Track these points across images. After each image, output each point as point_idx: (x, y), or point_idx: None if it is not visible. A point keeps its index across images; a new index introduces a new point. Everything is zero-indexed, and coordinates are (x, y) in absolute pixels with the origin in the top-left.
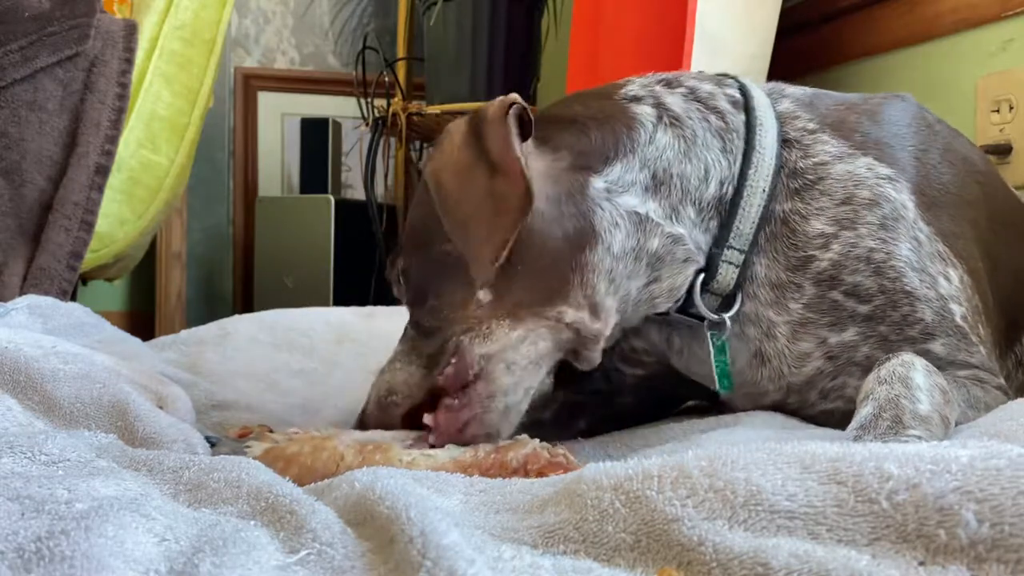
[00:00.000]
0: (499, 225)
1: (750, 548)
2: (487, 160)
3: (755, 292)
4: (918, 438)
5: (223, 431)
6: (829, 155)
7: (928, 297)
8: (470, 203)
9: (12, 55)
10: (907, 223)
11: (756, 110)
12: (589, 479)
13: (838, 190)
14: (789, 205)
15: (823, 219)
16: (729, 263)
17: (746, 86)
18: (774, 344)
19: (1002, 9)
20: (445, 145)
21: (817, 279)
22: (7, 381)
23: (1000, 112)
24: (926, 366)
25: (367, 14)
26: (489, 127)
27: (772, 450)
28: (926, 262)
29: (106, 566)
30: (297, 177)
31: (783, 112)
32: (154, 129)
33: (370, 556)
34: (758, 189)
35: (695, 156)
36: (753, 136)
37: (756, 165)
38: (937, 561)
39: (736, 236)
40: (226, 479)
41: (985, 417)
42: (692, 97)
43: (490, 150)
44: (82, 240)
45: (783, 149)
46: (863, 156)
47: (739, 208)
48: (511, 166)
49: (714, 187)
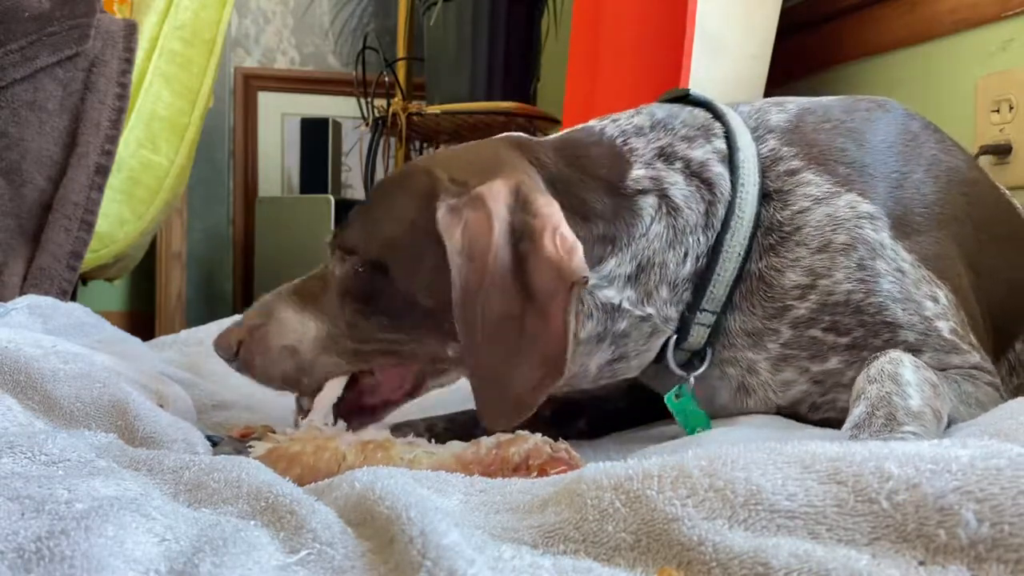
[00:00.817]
0: (527, 385)
1: (750, 548)
2: (529, 294)
3: (731, 342)
4: (913, 434)
5: (225, 431)
6: (810, 199)
7: (911, 323)
8: (498, 327)
9: (12, 55)
10: (887, 259)
11: (740, 167)
12: (589, 479)
13: (815, 238)
14: (764, 262)
15: (798, 270)
16: (701, 324)
17: (732, 132)
18: (756, 377)
19: (1002, 9)
20: (478, 225)
21: (794, 323)
22: (7, 381)
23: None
24: (914, 361)
25: (367, 14)
26: (546, 277)
27: (772, 450)
28: (911, 290)
29: (106, 566)
30: (297, 177)
31: (766, 156)
32: (154, 129)
33: (370, 556)
34: (733, 254)
35: (680, 243)
36: (734, 200)
37: (734, 231)
38: (937, 561)
39: (709, 300)
40: (226, 479)
41: (985, 416)
42: (689, 172)
43: (537, 292)
44: (82, 240)
45: (761, 205)
46: (846, 193)
47: (713, 274)
48: (557, 332)
49: (690, 265)
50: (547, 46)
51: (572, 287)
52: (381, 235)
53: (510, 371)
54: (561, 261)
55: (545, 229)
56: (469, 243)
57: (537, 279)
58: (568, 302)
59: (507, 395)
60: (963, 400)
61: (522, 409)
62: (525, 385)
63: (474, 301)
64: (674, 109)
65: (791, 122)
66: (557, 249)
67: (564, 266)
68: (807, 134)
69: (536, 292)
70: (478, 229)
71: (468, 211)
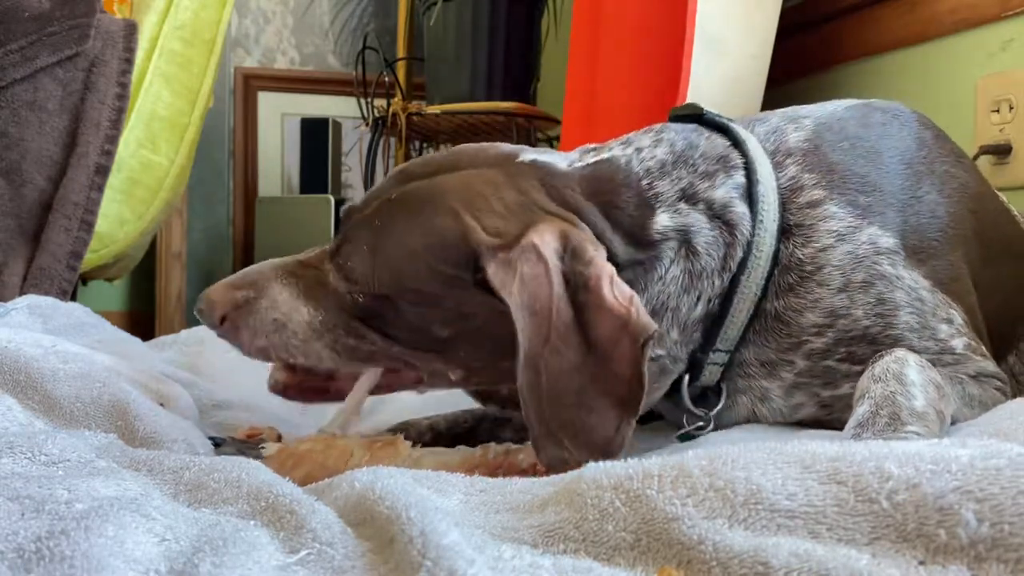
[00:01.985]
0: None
1: (750, 547)
2: (591, 343)
3: (746, 372)
4: (916, 434)
5: (228, 432)
6: (832, 235)
7: (925, 348)
8: (564, 380)
9: (12, 55)
10: (906, 290)
11: (760, 201)
12: (589, 478)
13: (836, 279)
14: (782, 303)
15: (818, 311)
16: (715, 364)
17: (752, 163)
18: (769, 404)
19: (1002, 9)
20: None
21: (809, 354)
22: (7, 381)
23: (1000, 112)
24: (919, 361)
25: (367, 14)
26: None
27: (772, 449)
28: (927, 319)
29: (106, 566)
30: (297, 177)
31: (786, 186)
32: (154, 129)
33: (370, 556)
34: (749, 295)
35: (695, 288)
36: (753, 239)
37: (750, 271)
38: (937, 560)
39: (723, 340)
40: (226, 479)
41: (985, 416)
42: (712, 214)
43: (600, 341)
44: (82, 240)
45: (780, 242)
46: (867, 227)
47: (728, 316)
48: (626, 377)
49: (702, 308)
50: (547, 46)
51: (645, 343)
52: (393, 274)
53: (588, 423)
54: (628, 315)
55: (602, 279)
56: (530, 299)
57: (600, 330)
58: (641, 355)
59: (585, 447)
60: (967, 402)
61: (610, 455)
62: (608, 431)
63: (538, 359)
64: (692, 137)
65: (810, 141)
66: (618, 301)
67: (632, 321)
68: (826, 155)
69: (599, 340)
70: (537, 284)
71: (524, 265)
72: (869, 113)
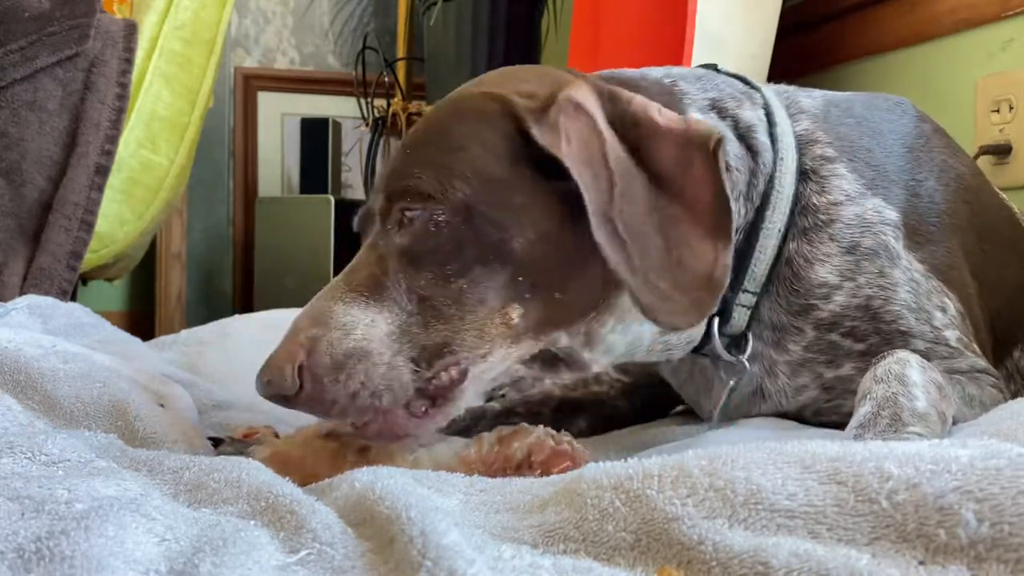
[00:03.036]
0: (708, 262)
1: (750, 547)
2: (661, 177)
3: (760, 332)
4: (918, 435)
5: (228, 432)
6: (844, 194)
7: (922, 332)
8: (645, 225)
9: (12, 55)
10: (903, 268)
11: (780, 139)
12: (589, 478)
13: (846, 236)
14: (795, 245)
15: (828, 267)
16: (743, 306)
17: (769, 104)
18: (775, 381)
19: (1002, 9)
20: (583, 130)
21: (817, 324)
22: (7, 381)
23: (1000, 112)
24: (921, 362)
25: (367, 14)
26: (673, 152)
27: (772, 449)
28: (923, 301)
29: (106, 566)
30: (297, 177)
31: (801, 135)
32: (154, 129)
33: (370, 556)
34: (774, 231)
35: None
36: (775, 173)
37: (774, 206)
38: (937, 560)
39: (751, 279)
40: (226, 479)
41: (985, 416)
42: (738, 133)
43: (669, 172)
44: (82, 240)
45: (799, 183)
46: (873, 197)
47: (755, 251)
48: (709, 198)
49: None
50: (547, 46)
51: (715, 149)
52: (465, 171)
53: (681, 260)
54: (688, 129)
55: (648, 109)
56: (581, 151)
57: (663, 158)
58: (715, 165)
59: (688, 286)
60: (967, 402)
61: (714, 289)
62: (706, 263)
63: (609, 212)
64: (709, 71)
65: (820, 109)
66: (671, 121)
67: (692, 132)
68: (835, 126)
69: (666, 172)
70: (586, 134)
71: (565, 120)
72: (874, 99)
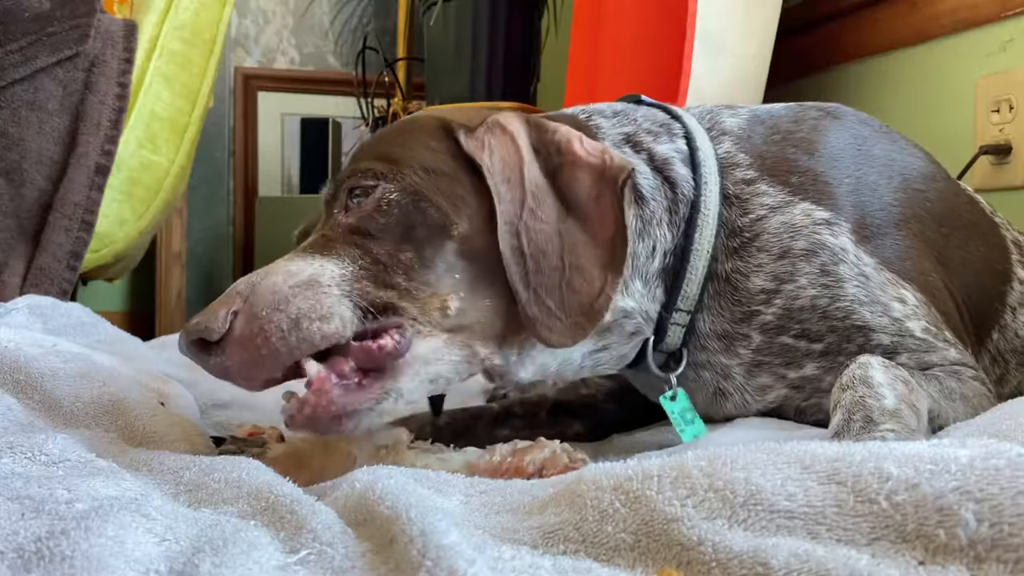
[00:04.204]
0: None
1: (750, 548)
2: (570, 204)
3: (703, 344)
4: (891, 431)
5: (228, 432)
6: (766, 207)
7: (882, 325)
8: (546, 246)
9: (12, 55)
10: (849, 264)
11: (702, 165)
12: (589, 479)
13: (774, 245)
14: (730, 264)
15: (762, 275)
16: (677, 324)
17: (691, 133)
18: (732, 382)
19: (1002, 9)
20: (504, 147)
21: (763, 329)
22: (7, 381)
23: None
24: (882, 363)
25: (367, 14)
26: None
27: (772, 450)
28: (877, 293)
29: (106, 566)
30: (297, 177)
31: (723, 158)
32: (154, 129)
33: (370, 556)
34: (703, 252)
35: (648, 235)
36: (699, 199)
37: (701, 228)
38: (937, 561)
39: (683, 299)
40: (226, 479)
41: (983, 416)
42: (654, 166)
43: (579, 201)
44: (82, 240)
45: (723, 207)
46: (800, 201)
47: (686, 272)
48: (608, 232)
49: (659, 260)
50: (547, 46)
51: (624, 182)
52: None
53: (572, 284)
54: (602, 162)
55: (571, 139)
56: (501, 165)
57: (577, 187)
58: (620, 197)
59: (572, 310)
60: (947, 396)
61: (593, 317)
62: (592, 291)
63: (517, 224)
64: (629, 105)
65: (744, 129)
66: (590, 153)
67: (606, 165)
68: (758, 145)
69: (578, 200)
70: (506, 150)
71: (490, 137)
72: (802, 112)
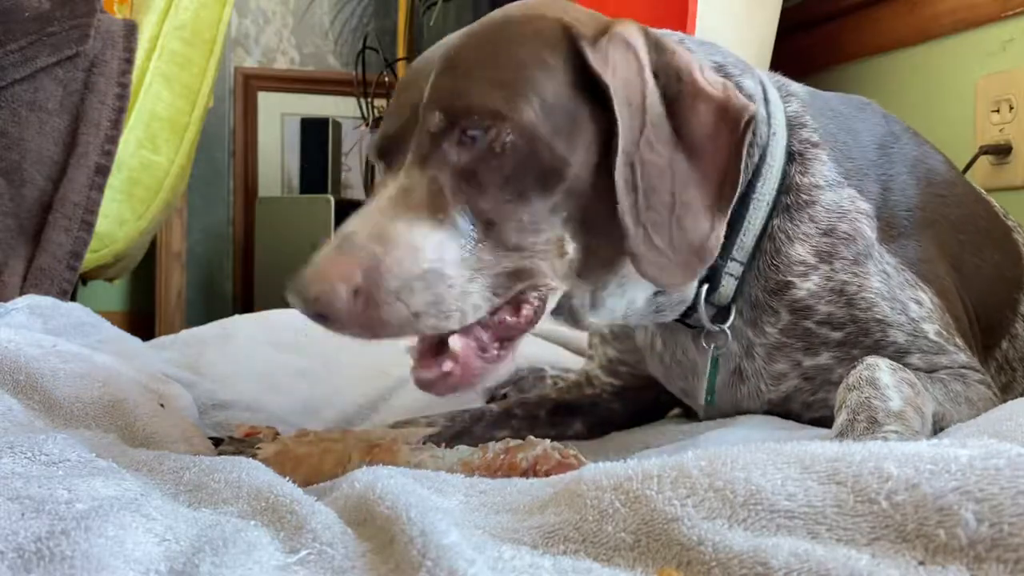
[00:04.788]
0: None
1: (750, 547)
2: (686, 137)
3: (740, 307)
4: (895, 433)
5: (227, 431)
6: (824, 180)
7: (899, 322)
8: (659, 179)
9: (12, 55)
10: (875, 259)
11: (773, 115)
12: (589, 479)
13: (824, 219)
14: (778, 221)
15: (807, 247)
16: (730, 275)
17: (765, 84)
18: (752, 364)
19: (1002, 9)
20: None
21: (792, 307)
22: (7, 381)
23: (1000, 112)
24: (890, 364)
25: (367, 14)
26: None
27: (772, 450)
28: (896, 291)
29: (106, 566)
30: (297, 177)
31: (791, 116)
32: (154, 129)
33: (370, 556)
34: (763, 203)
35: None
36: (767, 147)
37: (765, 178)
38: (937, 561)
39: (739, 248)
40: (226, 479)
41: (983, 417)
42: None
43: (695, 134)
44: (82, 240)
45: (785, 162)
46: (848, 187)
47: (745, 221)
48: (722, 172)
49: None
50: None
51: (745, 125)
52: (528, 93)
53: (681, 222)
54: (726, 98)
55: (692, 67)
56: (624, 87)
57: (696, 120)
58: (741, 141)
59: (681, 248)
60: (952, 399)
61: (704, 256)
62: (703, 231)
63: (633, 155)
64: (714, 42)
65: (808, 96)
66: (713, 86)
67: (730, 103)
68: (820, 115)
69: (695, 134)
70: (629, 70)
71: (615, 52)
72: (847, 98)
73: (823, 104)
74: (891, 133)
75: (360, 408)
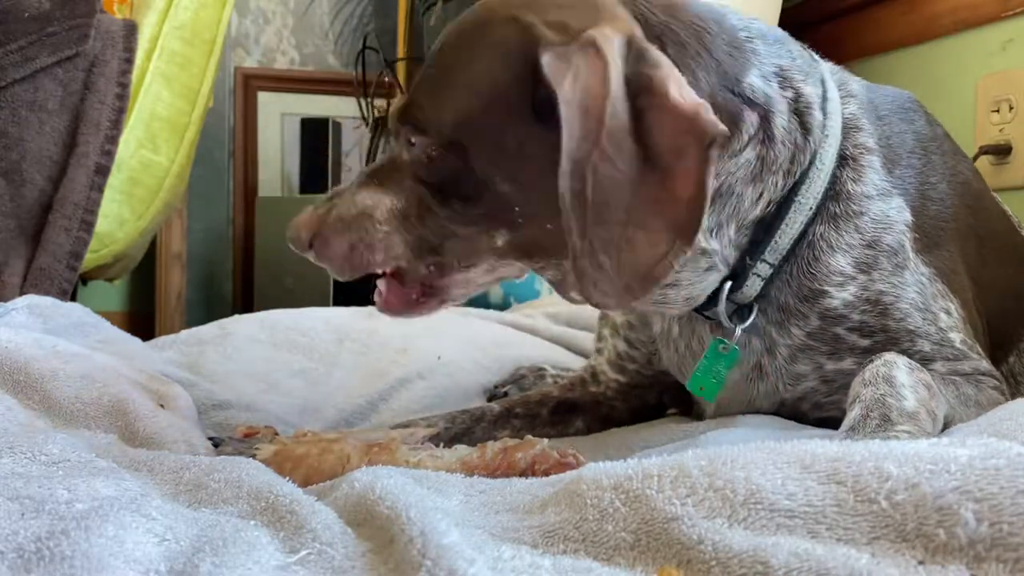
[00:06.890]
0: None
1: (750, 547)
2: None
3: (765, 309)
4: (907, 433)
5: (227, 431)
6: (876, 189)
7: (928, 332)
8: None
9: (12, 55)
10: (912, 269)
11: (830, 118)
12: (589, 478)
13: (870, 230)
14: (821, 228)
15: (848, 258)
16: (757, 275)
17: (826, 82)
18: (773, 362)
19: (1002, 9)
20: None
21: (824, 313)
22: (7, 381)
23: (1000, 112)
24: (908, 363)
25: (367, 14)
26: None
27: (772, 449)
28: (929, 302)
29: (106, 566)
30: (297, 177)
31: (848, 119)
32: (154, 129)
33: (370, 556)
34: (805, 207)
35: (761, 180)
36: (817, 153)
37: (811, 183)
38: (936, 560)
39: (772, 251)
40: (226, 479)
41: (984, 416)
42: (795, 108)
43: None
44: (82, 240)
45: (837, 166)
46: (896, 196)
47: (783, 224)
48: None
49: (761, 207)
50: None
51: (711, 146)
52: (458, 110)
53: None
54: (695, 115)
55: (668, 81)
56: (582, 95)
57: (661, 137)
58: (706, 162)
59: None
60: (963, 401)
61: (648, 283)
62: (654, 255)
63: (584, 165)
64: (789, 38)
65: (866, 94)
66: (685, 100)
67: (698, 121)
68: (880, 115)
69: (659, 152)
70: (593, 79)
71: (579, 58)
72: (897, 95)
73: (877, 102)
74: (935, 137)
75: (360, 408)
